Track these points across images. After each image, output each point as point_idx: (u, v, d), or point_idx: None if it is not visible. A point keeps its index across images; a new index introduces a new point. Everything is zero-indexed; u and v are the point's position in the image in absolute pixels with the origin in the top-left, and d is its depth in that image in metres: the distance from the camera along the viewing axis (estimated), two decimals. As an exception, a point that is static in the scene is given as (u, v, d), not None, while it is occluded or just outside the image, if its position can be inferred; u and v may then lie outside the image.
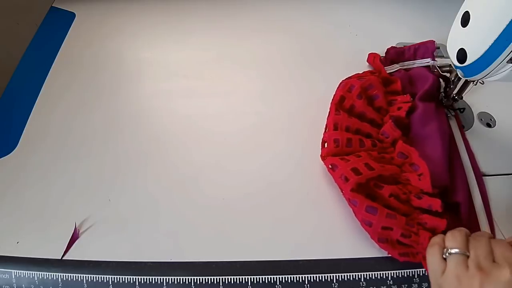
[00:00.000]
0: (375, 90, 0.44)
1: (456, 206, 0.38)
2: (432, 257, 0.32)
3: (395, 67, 0.49)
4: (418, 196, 0.37)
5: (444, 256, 0.32)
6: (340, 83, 0.46)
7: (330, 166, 0.40)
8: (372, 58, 0.50)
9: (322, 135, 0.43)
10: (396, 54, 0.50)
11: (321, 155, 0.42)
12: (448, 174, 0.39)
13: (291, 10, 0.61)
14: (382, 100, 0.44)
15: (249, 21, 0.60)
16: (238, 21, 0.60)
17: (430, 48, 0.49)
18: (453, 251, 0.32)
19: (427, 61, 0.48)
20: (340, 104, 0.44)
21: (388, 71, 0.48)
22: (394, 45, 0.52)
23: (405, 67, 0.49)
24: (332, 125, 0.42)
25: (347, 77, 0.48)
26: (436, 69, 0.45)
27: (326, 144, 0.42)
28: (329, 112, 0.44)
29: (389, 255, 0.36)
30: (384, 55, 0.51)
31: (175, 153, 0.44)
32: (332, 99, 0.45)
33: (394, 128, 0.41)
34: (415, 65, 0.49)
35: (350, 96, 0.44)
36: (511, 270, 0.30)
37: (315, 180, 0.42)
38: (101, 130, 0.47)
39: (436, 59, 0.48)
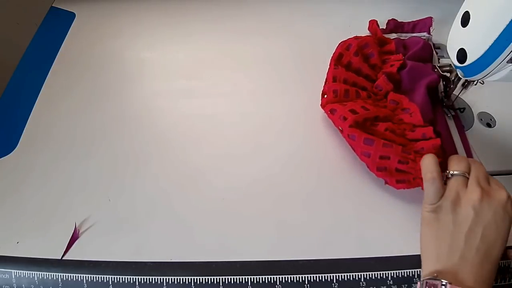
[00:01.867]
0: (371, 49, 0.47)
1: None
2: (433, 181, 0.34)
3: (393, 35, 0.53)
4: (412, 130, 0.41)
5: (445, 178, 0.35)
6: (340, 43, 0.49)
7: (329, 111, 0.44)
8: (371, 23, 0.54)
9: (322, 88, 0.47)
10: (395, 26, 0.54)
11: (321, 104, 0.46)
12: (432, 112, 0.43)
13: (291, 11, 0.61)
14: (377, 58, 0.47)
15: (249, 22, 0.60)
16: (238, 22, 0.60)
17: (427, 24, 0.54)
18: (455, 172, 0.35)
19: (423, 34, 0.53)
20: (338, 60, 0.47)
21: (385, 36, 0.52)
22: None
23: (402, 38, 0.53)
24: (331, 78, 0.46)
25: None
26: (436, 68, 0.45)
27: (325, 95, 0.45)
28: (329, 67, 0.48)
29: (389, 256, 0.36)
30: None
31: (175, 153, 0.44)
32: (332, 56, 0.48)
33: (387, 82, 0.44)
34: (411, 37, 0.53)
35: (347, 53, 0.47)
36: (507, 193, 0.33)
37: (315, 180, 0.42)
38: (101, 130, 0.47)
39: (434, 42, 0.51)
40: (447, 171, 0.35)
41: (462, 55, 0.37)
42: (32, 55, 0.57)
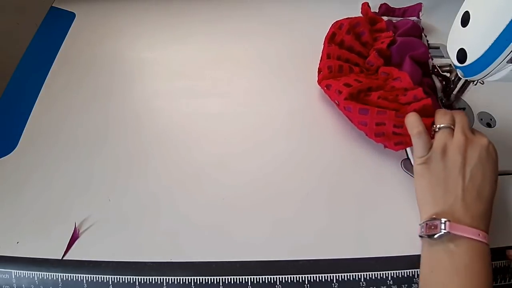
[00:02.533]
0: (362, 27, 0.50)
1: None
2: (419, 135, 0.37)
3: (384, 18, 0.54)
4: (404, 94, 0.43)
5: (433, 132, 0.38)
6: (332, 23, 0.51)
7: (325, 87, 0.47)
8: (363, 5, 0.55)
9: (318, 64, 0.49)
10: (387, 10, 0.57)
11: (317, 81, 0.48)
12: (421, 76, 0.45)
13: (291, 10, 0.61)
14: (368, 36, 0.50)
15: (249, 22, 0.60)
16: (238, 22, 0.60)
17: (417, 9, 0.57)
18: (441, 125, 0.38)
19: (413, 18, 0.56)
20: (331, 39, 0.50)
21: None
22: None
23: (393, 21, 0.55)
24: (326, 55, 0.49)
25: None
26: (436, 68, 0.45)
27: (321, 72, 0.48)
28: (323, 46, 0.50)
29: (389, 256, 0.36)
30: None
31: (175, 153, 0.44)
32: (325, 36, 0.50)
33: (377, 57, 0.47)
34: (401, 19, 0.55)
35: (340, 32, 0.50)
36: (488, 139, 0.37)
37: (315, 180, 0.42)
38: (101, 130, 0.47)
39: (433, 58, 0.50)
40: (434, 125, 0.38)
41: (462, 55, 0.37)
42: (32, 55, 0.57)
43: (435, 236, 0.33)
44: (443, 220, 0.33)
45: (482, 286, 0.31)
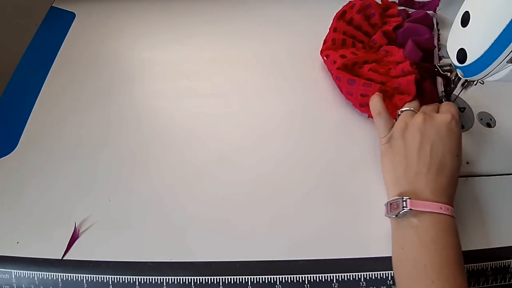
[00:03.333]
0: (373, 9, 0.52)
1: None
2: (379, 115, 0.40)
3: (401, 8, 0.56)
4: (395, 67, 0.45)
5: (397, 116, 0.40)
6: (346, 3, 0.53)
7: (325, 56, 0.50)
8: None
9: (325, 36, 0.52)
10: (406, 1, 0.58)
11: (320, 51, 0.51)
12: (419, 59, 0.46)
13: (291, 10, 0.61)
14: (378, 18, 0.51)
15: (250, 22, 0.60)
16: (239, 22, 0.60)
17: (435, 4, 0.57)
18: (404, 109, 0.40)
19: (430, 12, 0.56)
20: (342, 16, 0.52)
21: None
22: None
23: (409, 11, 0.56)
24: (332, 29, 0.51)
25: None
26: (437, 68, 0.45)
27: (325, 43, 0.51)
28: (332, 22, 0.53)
29: (389, 256, 0.36)
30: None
31: (175, 153, 0.44)
32: (336, 13, 0.53)
33: (382, 37, 0.49)
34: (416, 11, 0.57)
35: (351, 11, 0.52)
36: (452, 116, 0.37)
37: (316, 180, 0.42)
38: (101, 130, 0.47)
39: (440, 48, 0.52)
40: (398, 110, 0.41)
41: (462, 55, 0.37)
42: (32, 55, 0.57)
43: (399, 214, 0.34)
44: (404, 198, 0.34)
45: (451, 257, 0.32)
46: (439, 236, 0.33)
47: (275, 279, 0.36)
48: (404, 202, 0.34)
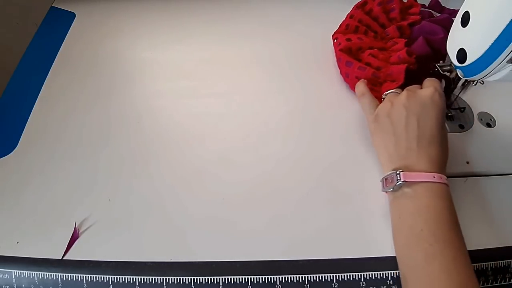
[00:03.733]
0: (394, 4, 0.52)
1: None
2: (363, 95, 0.43)
3: (428, 10, 0.56)
4: (395, 54, 0.46)
5: (382, 98, 0.42)
6: None
7: (334, 39, 0.52)
8: None
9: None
10: (435, 5, 0.58)
11: (332, 34, 0.53)
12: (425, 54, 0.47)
13: (291, 10, 0.61)
14: (397, 13, 0.52)
15: (250, 20, 0.60)
16: (238, 20, 0.60)
17: None
18: (389, 91, 0.42)
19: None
20: (362, 6, 0.53)
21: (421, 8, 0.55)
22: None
23: (435, 15, 0.56)
24: (349, 16, 0.53)
25: None
26: (437, 68, 0.45)
27: (339, 28, 0.53)
28: (350, 10, 0.54)
29: (389, 256, 0.36)
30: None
31: (175, 153, 0.44)
32: (357, 2, 0.54)
33: (395, 30, 0.50)
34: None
35: (372, 2, 0.53)
36: (435, 89, 0.39)
37: (315, 180, 0.42)
38: (101, 130, 0.47)
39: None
40: (383, 94, 0.43)
41: (462, 55, 0.37)
42: (32, 55, 0.57)
43: (395, 187, 0.36)
44: (398, 171, 0.36)
45: (445, 221, 0.33)
46: (433, 202, 0.34)
47: (275, 279, 0.36)
48: (398, 176, 0.36)
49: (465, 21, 0.35)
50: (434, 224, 0.33)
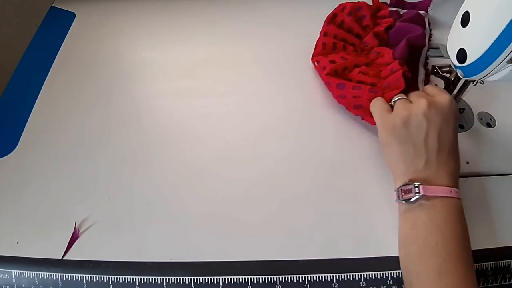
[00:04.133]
0: (364, 11, 0.51)
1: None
2: (379, 102, 0.40)
3: (393, 8, 0.56)
4: (385, 68, 0.45)
5: (391, 104, 0.40)
6: (337, 6, 0.53)
7: (315, 62, 0.50)
8: None
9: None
10: (397, 2, 0.58)
11: (311, 57, 0.51)
12: (408, 64, 0.45)
13: (291, 9, 0.61)
14: (369, 19, 0.51)
15: (250, 21, 0.60)
16: (238, 21, 0.60)
17: (427, 4, 0.57)
18: (396, 98, 0.40)
19: (422, 12, 0.56)
20: (332, 19, 0.52)
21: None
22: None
23: (401, 12, 0.56)
24: (323, 33, 0.51)
25: None
26: (436, 69, 0.45)
27: (316, 48, 0.51)
28: (322, 25, 0.52)
29: (389, 256, 0.36)
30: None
31: (175, 153, 0.44)
32: (327, 16, 0.52)
33: (373, 38, 0.49)
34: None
35: (341, 14, 0.51)
36: (448, 96, 0.37)
37: (315, 180, 0.42)
38: (101, 130, 0.47)
39: (433, 60, 0.50)
40: (389, 102, 0.40)
41: (462, 55, 0.37)
42: (32, 55, 0.57)
43: (411, 200, 0.35)
44: (416, 184, 0.35)
45: (460, 237, 0.33)
46: (450, 217, 0.34)
47: (275, 279, 0.36)
48: (417, 188, 0.34)
49: (465, 21, 0.35)
50: (449, 240, 0.33)
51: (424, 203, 0.34)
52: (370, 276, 0.36)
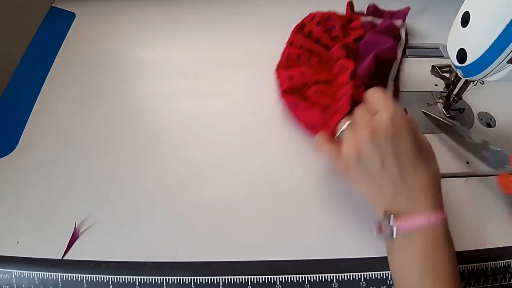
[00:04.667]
0: (333, 22, 0.49)
1: None
2: (324, 146, 0.37)
3: (368, 18, 0.54)
4: (342, 88, 0.43)
5: (337, 136, 0.37)
6: (307, 15, 0.51)
7: (277, 75, 0.48)
8: (347, 4, 0.56)
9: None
10: (374, 11, 0.56)
11: (276, 69, 0.49)
12: (372, 78, 0.44)
13: (290, 10, 0.61)
14: (338, 30, 0.49)
15: (249, 21, 0.60)
16: (237, 21, 0.60)
17: (403, 13, 0.55)
18: (341, 129, 0.37)
19: (399, 21, 0.54)
20: (300, 29, 0.50)
21: (362, 20, 0.53)
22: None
23: (377, 22, 0.54)
24: (289, 43, 0.49)
25: None
26: (436, 69, 0.45)
27: (280, 59, 0.49)
28: (290, 35, 0.51)
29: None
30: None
31: (175, 153, 0.44)
32: (295, 26, 0.51)
33: (340, 49, 0.46)
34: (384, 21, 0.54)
35: (310, 24, 0.50)
36: (392, 111, 0.33)
37: (315, 180, 0.42)
38: (101, 130, 0.47)
39: (403, 58, 0.51)
40: (336, 131, 0.38)
41: (462, 55, 0.37)
42: (32, 55, 0.57)
43: (388, 235, 0.33)
44: (390, 219, 0.33)
45: (442, 271, 0.31)
46: (430, 252, 0.32)
47: (275, 279, 0.36)
48: (390, 222, 0.33)
49: (465, 21, 0.35)
50: (431, 276, 0.31)
51: (400, 241, 0.32)
52: (370, 276, 0.36)
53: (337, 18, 0.50)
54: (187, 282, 0.36)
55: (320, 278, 0.36)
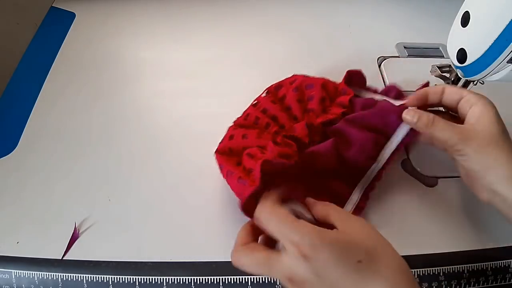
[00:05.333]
0: (313, 91, 0.42)
1: None
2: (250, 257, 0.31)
3: (373, 94, 0.44)
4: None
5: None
6: (290, 76, 0.45)
7: (226, 132, 0.41)
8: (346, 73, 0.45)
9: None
10: (396, 95, 0.42)
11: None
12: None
13: (291, 10, 0.61)
14: (316, 103, 0.41)
15: (249, 21, 0.60)
16: (238, 21, 0.60)
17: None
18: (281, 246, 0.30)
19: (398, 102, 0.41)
20: (275, 90, 0.44)
21: (355, 92, 0.44)
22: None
23: (376, 99, 0.43)
24: (255, 102, 0.43)
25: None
26: (436, 69, 0.45)
27: (240, 116, 0.43)
28: (262, 92, 0.44)
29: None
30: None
31: (175, 153, 0.44)
32: (270, 85, 0.45)
33: (303, 128, 0.38)
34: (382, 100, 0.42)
35: (288, 87, 0.43)
36: (296, 245, 0.27)
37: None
38: (101, 130, 0.47)
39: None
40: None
41: (462, 55, 0.37)
42: (32, 55, 0.57)
43: None
44: None
45: None
46: None
47: (275, 279, 0.36)
48: None
49: (465, 21, 0.36)
50: None
51: None
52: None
53: (320, 88, 0.42)
54: (187, 282, 0.36)
55: (320, 278, 0.35)
